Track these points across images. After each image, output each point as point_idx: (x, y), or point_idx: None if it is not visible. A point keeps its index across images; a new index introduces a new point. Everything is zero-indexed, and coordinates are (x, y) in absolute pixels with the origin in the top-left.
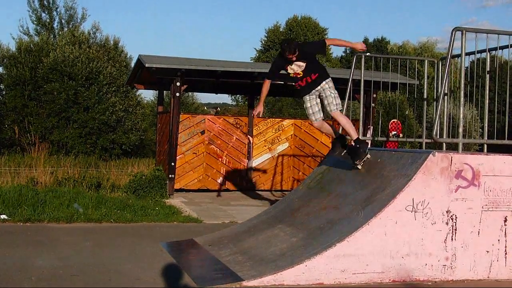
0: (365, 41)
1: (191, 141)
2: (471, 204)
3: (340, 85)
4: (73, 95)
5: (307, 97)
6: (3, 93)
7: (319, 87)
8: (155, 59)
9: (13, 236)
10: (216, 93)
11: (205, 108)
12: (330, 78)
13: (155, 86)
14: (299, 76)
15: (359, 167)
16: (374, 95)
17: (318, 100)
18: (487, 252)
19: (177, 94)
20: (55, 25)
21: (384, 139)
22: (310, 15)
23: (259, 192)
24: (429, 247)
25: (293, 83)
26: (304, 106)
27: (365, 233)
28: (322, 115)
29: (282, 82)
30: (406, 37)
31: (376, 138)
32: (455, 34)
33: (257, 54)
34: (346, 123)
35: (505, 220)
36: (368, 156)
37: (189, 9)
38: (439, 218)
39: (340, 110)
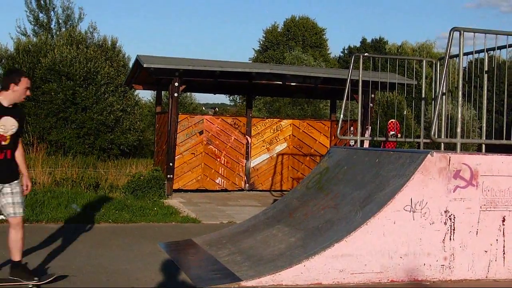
0: (363, 40)
1: (189, 141)
2: (469, 204)
3: (338, 85)
4: (71, 95)
5: None
6: None
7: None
8: (153, 59)
9: None
10: (214, 94)
11: (203, 108)
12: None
13: (154, 86)
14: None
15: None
16: (372, 95)
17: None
18: (485, 252)
19: (175, 95)
20: (52, 25)
21: (383, 139)
22: (308, 15)
23: (258, 192)
24: (428, 247)
25: None
26: None
27: (363, 233)
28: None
29: (280, 82)
30: (405, 38)
31: (374, 138)
32: (453, 34)
33: (255, 55)
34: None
35: (503, 220)
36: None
37: (187, 10)
38: (438, 218)
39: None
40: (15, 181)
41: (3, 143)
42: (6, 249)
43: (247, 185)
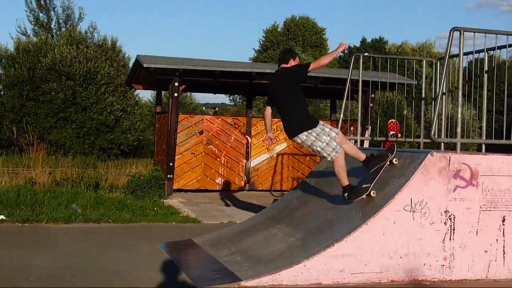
0: (363, 40)
1: (189, 141)
2: (469, 204)
3: (338, 85)
4: (71, 95)
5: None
6: (1, 93)
7: None
8: (154, 59)
9: (12, 237)
10: (215, 93)
11: (203, 108)
12: None
13: (154, 86)
14: None
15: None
16: (372, 95)
17: None
18: (485, 252)
19: (176, 94)
20: (52, 25)
21: (383, 139)
22: (308, 15)
23: (258, 192)
24: (428, 247)
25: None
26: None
27: (363, 233)
28: None
29: None
30: (405, 37)
31: (374, 138)
32: (453, 33)
33: (255, 54)
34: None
35: (503, 220)
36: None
37: (187, 9)
38: (438, 218)
39: None
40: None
41: None
42: (5, 248)
43: (247, 185)
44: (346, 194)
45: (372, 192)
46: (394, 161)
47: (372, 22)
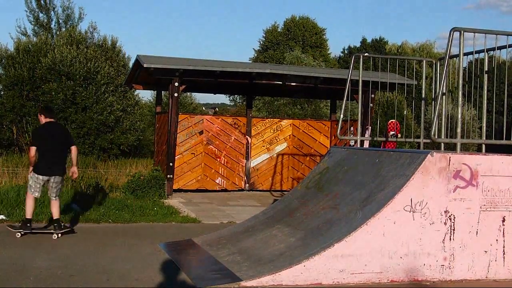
0: (363, 40)
1: (189, 141)
2: (469, 204)
3: (338, 85)
4: (71, 95)
5: None
6: (1, 93)
7: None
8: (154, 59)
9: (11, 237)
10: (215, 94)
11: (203, 108)
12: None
13: (154, 86)
14: None
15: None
16: (372, 95)
17: None
18: (485, 252)
19: (176, 94)
20: (52, 25)
21: (383, 139)
22: (308, 15)
23: (258, 192)
24: (428, 247)
25: None
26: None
27: (363, 233)
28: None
29: (280, 82)
30: (405, 38)
31: (374, 138)
32: (453, 34)
33: (255, 55)
34: None
35: (503, 220)
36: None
37: (187, 10)
38: (438, 218)
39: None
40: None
41: None
42: (5, 248)
43: (247, 185)
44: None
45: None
46: (17, 234)
47: (372, 22)
